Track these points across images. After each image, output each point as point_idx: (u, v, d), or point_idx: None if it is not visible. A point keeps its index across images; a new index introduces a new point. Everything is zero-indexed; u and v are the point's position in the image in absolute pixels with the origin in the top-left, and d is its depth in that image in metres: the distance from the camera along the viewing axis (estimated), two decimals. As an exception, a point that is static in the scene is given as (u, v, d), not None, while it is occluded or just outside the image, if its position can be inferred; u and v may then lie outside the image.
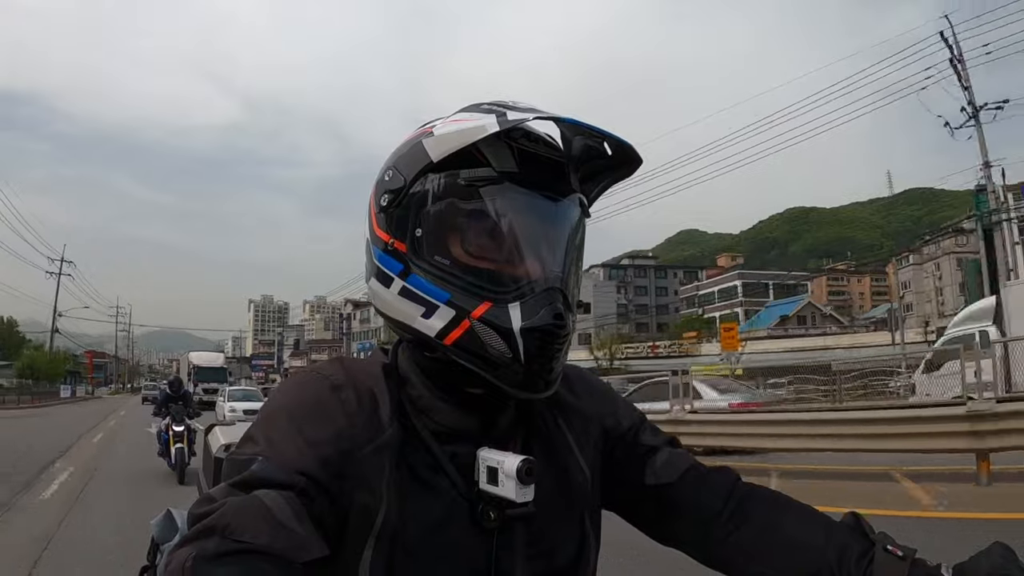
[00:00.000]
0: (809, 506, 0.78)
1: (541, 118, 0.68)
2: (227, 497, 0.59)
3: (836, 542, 0.70)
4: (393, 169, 0.73)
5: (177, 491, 8.02)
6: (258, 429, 0.68)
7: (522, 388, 0.69)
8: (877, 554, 0.67)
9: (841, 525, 0.73)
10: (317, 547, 0.59)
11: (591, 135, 0.72)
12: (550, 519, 0.74)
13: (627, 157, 0.75)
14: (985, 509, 6.05)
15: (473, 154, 0.68)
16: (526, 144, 0.71)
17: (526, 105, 0.70)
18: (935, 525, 5.53)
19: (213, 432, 1.34)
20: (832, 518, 0.75)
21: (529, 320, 0.67)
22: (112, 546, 5.53)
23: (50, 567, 5.15)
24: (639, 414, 0.89)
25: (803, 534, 0.73)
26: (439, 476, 0.71)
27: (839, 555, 0.69)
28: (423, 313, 0.70)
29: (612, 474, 0.84)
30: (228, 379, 37.47)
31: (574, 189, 0.74)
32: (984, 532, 4.84)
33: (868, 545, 0.69)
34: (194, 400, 10.53)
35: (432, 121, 0.75)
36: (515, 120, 0.66)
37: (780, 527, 0.75)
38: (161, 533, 0.91)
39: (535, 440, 0.78)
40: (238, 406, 18.22)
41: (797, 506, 0.78)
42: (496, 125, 0.65)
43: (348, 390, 0.71)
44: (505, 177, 0.68)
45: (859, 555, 0.68)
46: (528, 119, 0.67)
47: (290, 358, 72.47)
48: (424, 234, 0.70)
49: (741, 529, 0.77)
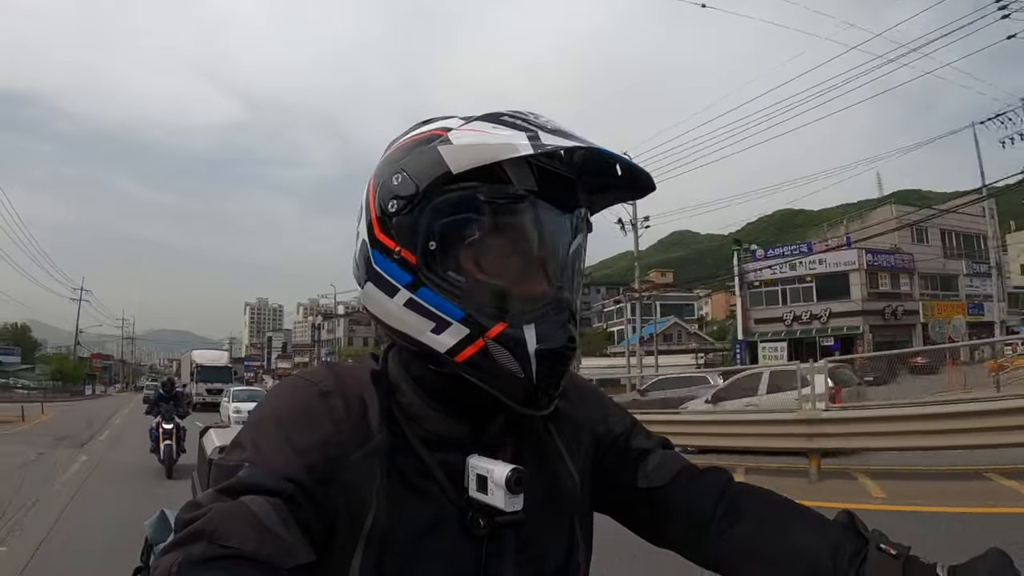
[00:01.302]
0: (803, 505, 0.77)
1: (576, 146, 0.65)
2: (214, 503, 0.60)
3: (829, 541, 0.70)
4: (403, 173, 0.69)
5: (166, 485, 8.78)
6: (246, 435, 0.68)
7: (527, 405, 0.69)
8: (870, 553, 0.67)
9: (835, 524, 0.72)
10: (303, 553, 0.59)
11: (605, 156, 0.69)
12: (539, 525, 0.75)
13: (638, 181, 0.74)
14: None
15: (493, 168, 0.66)
16: (544, 161, 0.69)
17: (552, 124, 0.68)
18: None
19: (208, 434, 1.34)
20: (826, 517, 0.74)
21: (545, 343, 0.67)
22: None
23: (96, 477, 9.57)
24: (630, 418, 0.89)
25: (796, 533, 0.73)
26: (429, 483, 0.71)
27: (832, 554, 0.69)
28: (433, 328, 0.68)
29: (604, 479, 0.84)
30: (233, 379, 35.57)
31: (580, 204, 0.73)
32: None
33: (862, 543, 0.68)
34: (186, 401, 10.98)
35: (439, 120, 0.73)
36: (550, 147, 0.64)
37: (773, 527, 0.74)
38: (155, 534, 0.93)
39: (525, 447, 0.78)
40: (243, 407, 17.71)
41: (791, 506, 0.77)
42: (529, 148, 0.63)
43: (337, 397, 0.70)
44: (527, 195, 0.67)
45: (852, 554, 0.68)
46: (564, 146, 0.65)
47: (277, 360, 77.61)
48: (439, 248, 0.68)
49: (734, 529, 0.76)
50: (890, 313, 33.56)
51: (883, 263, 33.67)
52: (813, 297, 34.18)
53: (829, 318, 33.47)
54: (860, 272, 33.02)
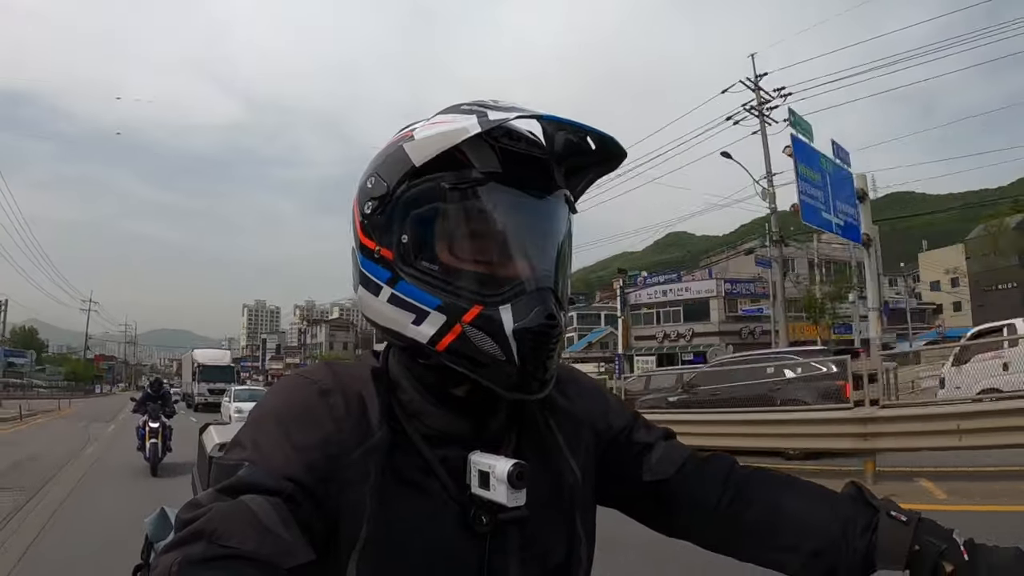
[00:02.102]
0: (810, 482, 0.78)
1: (522, 117, 0.67)
2: (214, 502, 0.60)
3: (840, 515, 0.70)
4: (375, 176, 0.72)
5: (151, 482, 9.07)
6: (246, 434, 0.68)
7: (516, 389, 0.69)
8: (881, 520, 0.68)
9: (844, 497, 0.73)
10: (303, 552, 0.59)
11: (573, 130, 0.71)
12: (542, 521, 0.74)
13: (611, 151, 0.74)
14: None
15: (456, 156, 0.67)
16: (508, 143, 0.70)
17: (507, 104, 0.69)
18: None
19: (208, 431, 1.34)
20: (834, 491, 0.74)
21: (521, 321, 0.67)
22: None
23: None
24: (632, 412, 0.89)
25: (806, 511, 0.73)
26: (430, 480, 0.71)
27: (844, 528, 0.69)
28: (414, 320, 0.69)
29: (608, 474, 0.84)
30: (237, 379, 34.11)
31: (559, 185, 0.73)
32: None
33: (872, 513, 0.69)
34: (173, 400, 11.24)
35: (412, 124, 0.74)
36: (496, 120, 0.65)
37: (782, 507, 0.75)
38: (155, 532, 0.93)
39: (527, 442, 0.78)
40: (244, 407, 17.41)
41: (798, 483, 0.78)
42: (477, 126, 0.65)
43: (336, 395, 0.70)
44: (489, 178, 0.68)
45: (864, 526, 0.69)
46: (509, 118, 0.66)
47: (270, 361, 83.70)
48: (410, 240, 0.69)
49: (743, 513, 0.77)
50: (747, 333, 40.35)
51: (741, 291, 41.04)
52: (681, 319, 40.45)
53: (692, 337, 39.35)
54: (719, 299, 39.63)
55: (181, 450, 9.35)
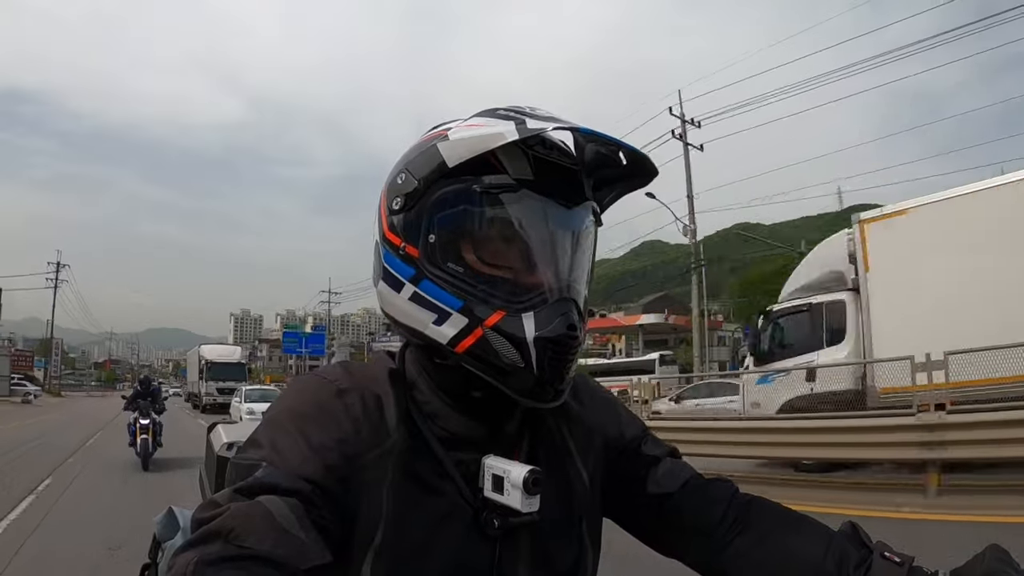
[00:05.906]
0: (808, 516, 0.78)
1: (560, 128, 0.67)
2: (231, 502, 0.60)
3: (834, 550, 0.70)
4: (406, 172, 0.72)
5: (143, 476, 9.36)
6: (263, 434, 0.68)
7: (532, 397, 0.69)
8: (875, 561, 0.68)
9: (839, 534, 0.73)
10: (319, 553, 0.59)
11: (605, 144, 0.71)
12: (552, 526, 0.75)
13: (641, 168, 0.74)
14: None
15: (489, 160, 0.68)
16: (541, 151, 0.71)
17: (544, 113, 0.70)
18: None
19: (216, 430, 1.32)
20: (830, 528, 0.75)
21: (543, 330, 0.67)
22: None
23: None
24: (642, 425, 0.89)
25: (802, 543, 0.73)
26: (444, 482, 0.71)
27: (838, 563, 0.69)
28: (435, 320, 0.69)
29: (615, 484, 0.84)
30: (247, 377, 32.99)
31: (587, 197, 0.73)
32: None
33: (866, 553, 0.69)
34: (163, 399, 11.38)
35: (445, 124, 0.75)
36: (535, 129, 0.65)
37: (779, 537, 0.75)
38: (163, 531, 0.93)
39: (540, 448, 0.78)
40: (256, 408, 17.00)
41: (796, 516, 0.78)
42: (515, 133, 0.65)
43: (353, 395, 0.71)
44: (522, 185, 0.68)
45: (857, 563, 0.69)
46: (548, 128, 0.66)
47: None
48: (438, 240, 0.69)
49: (741, 538, 0.77)
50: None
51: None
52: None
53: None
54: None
55: (176, 446, 10.38)
